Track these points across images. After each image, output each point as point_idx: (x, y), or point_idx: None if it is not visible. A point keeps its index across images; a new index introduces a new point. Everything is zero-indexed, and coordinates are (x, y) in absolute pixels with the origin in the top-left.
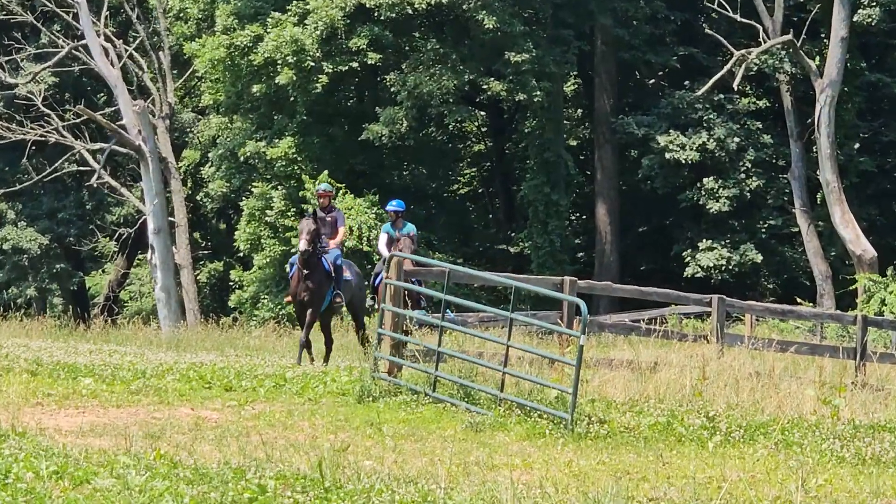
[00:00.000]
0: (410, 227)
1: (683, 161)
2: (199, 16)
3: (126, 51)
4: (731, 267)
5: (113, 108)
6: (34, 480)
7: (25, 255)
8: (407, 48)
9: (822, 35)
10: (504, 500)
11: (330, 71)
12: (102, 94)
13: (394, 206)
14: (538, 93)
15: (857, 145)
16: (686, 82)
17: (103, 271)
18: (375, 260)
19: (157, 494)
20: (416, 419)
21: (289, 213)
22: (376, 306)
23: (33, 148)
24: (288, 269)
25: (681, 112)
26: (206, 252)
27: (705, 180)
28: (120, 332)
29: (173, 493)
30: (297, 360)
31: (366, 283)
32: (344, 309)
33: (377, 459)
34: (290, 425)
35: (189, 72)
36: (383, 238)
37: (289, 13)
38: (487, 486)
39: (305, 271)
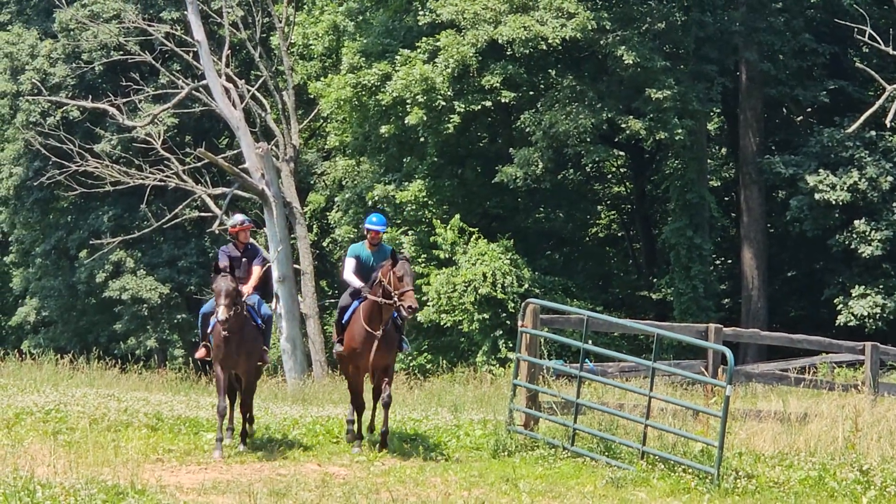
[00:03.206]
0: (388, 251)
1: (833, 202)
2: (324, 54)
3: (248, 91)
4: (885, 315)
5: (235, 151)
6: None
7: (145, 305)
8: (542, 86)
9: None
10: None
11: (462, 110)
12: (224, 137)
13: (374, 223)
14: (680, 131)
15: None
16: (836, 119)
17: None
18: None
19: None
20: (553, 474)
21: (419, 260)
22: (340, 349)
23: (152, 193)
24: (199, 322)
25: (830, 150)
26: (333, 301)
27: (856, 222)
28: None
29: None
30: (219, 437)
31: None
32: None
33: None
34: (422, 482)
35: (314, 112)
36: (351, 264)
37: (418, 50)
38: None
39: (230, 335)
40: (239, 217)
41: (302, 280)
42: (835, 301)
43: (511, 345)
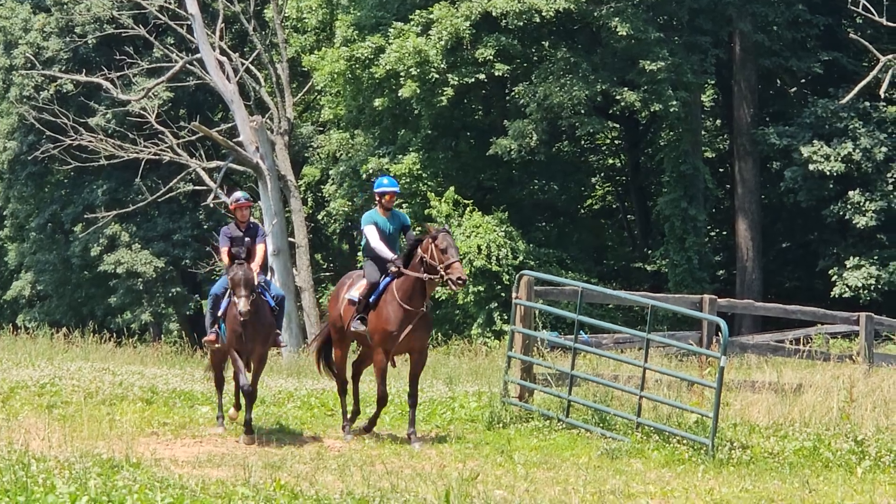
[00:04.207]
0: (404, 217)
1: (828, 173)
2: (318, 27)
3: (242, 64)
4: (880, 285)
5: (229, 125)
6: None
7: (140, 279)
8: (535, 58)
9: None
10: None
11: (455, 83)
12: (218, 110)
13: (386, 185)
14: (674, 103)
15: None
16: (830, 90)
17: None
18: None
19: None
20: (548, 446)
21: (414, 233)
22: (362, 328)
23: (147, 167)
24: (208, 304)
25: (824, 121)
26: (328, 274)
27: (851, 193)
28: None
29: None
30: (221, 418)
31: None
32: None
33: (508, 489)
34: (417, 454)
35: (308, 86)
36: (374, 231)
37: (411, 23)
38: None
39: (247, 322)
40: (237, 194)
41: (297, 253)
42: (829, 272)
43: (506, 317)
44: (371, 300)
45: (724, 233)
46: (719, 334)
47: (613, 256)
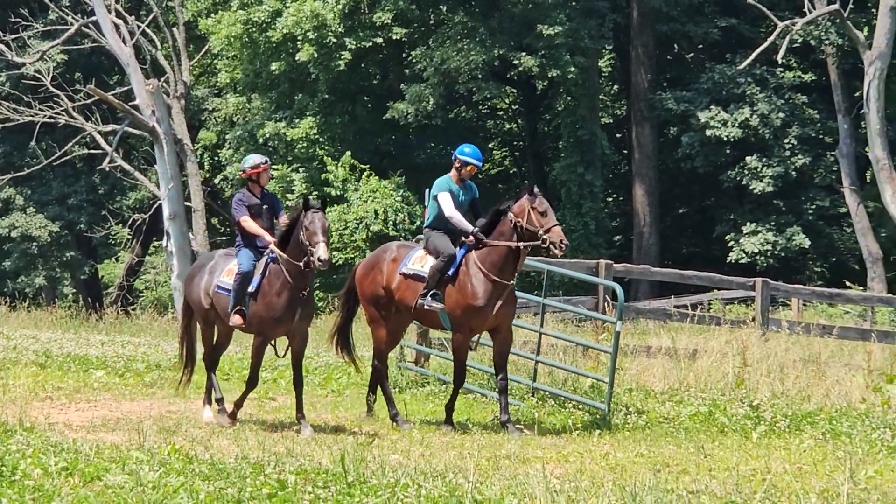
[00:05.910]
0: (475, 189)
1: (725, 138)
2: None
3: (139, 27)
4: (776, 252)
5: (125, 88)
6: (42, 477)
7: (35, 243)
8: (433, 22)
9: (870, 4)
10: (536, 495)
11: (353, 47)
12: (114, 73)
13: (469, 154)
14: (572, 68)
15: None
16: (727, 55)
17: (116, 259)
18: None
19: (172, 491)
20: (444, 411)
21: (311, 197)
22: (441, 307)
23: (42, 130)
24: (234, 283)
25: (722, 87)
26: (224, 238)
27: (748, 159)
28: (134, 323)
29: (188, 490)
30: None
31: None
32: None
33: (403, 453)
34: (313, 418)
35: (204, 49)
36: (448, 200)
37: None
38: (519, 480)
39: (303, 291)
40: (257, 157)
41: (193, 218)
42: (726, 238)
43: None
44: (452, 272)
45: (621, 198)
46: (615, 299)
47: None
